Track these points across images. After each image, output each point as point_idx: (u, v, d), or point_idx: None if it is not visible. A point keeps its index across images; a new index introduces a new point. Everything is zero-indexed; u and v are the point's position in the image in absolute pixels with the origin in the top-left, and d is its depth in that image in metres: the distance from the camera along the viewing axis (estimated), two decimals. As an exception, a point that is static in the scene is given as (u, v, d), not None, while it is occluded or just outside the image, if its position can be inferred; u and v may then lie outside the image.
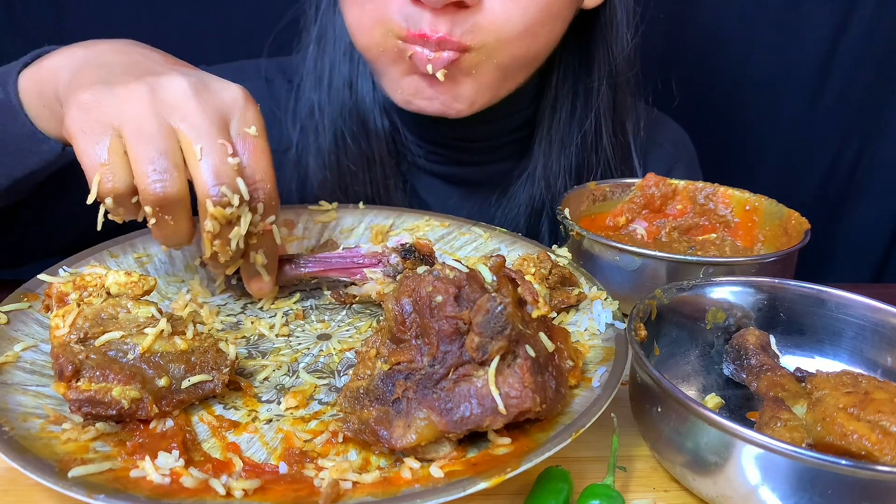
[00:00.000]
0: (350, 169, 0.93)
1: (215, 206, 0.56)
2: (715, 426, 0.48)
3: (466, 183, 0.99)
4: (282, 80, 0.99)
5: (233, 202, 0.57)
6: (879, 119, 1.37)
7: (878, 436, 0.48)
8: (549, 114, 0.94)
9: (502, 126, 0.94)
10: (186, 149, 0.56)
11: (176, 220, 0.57)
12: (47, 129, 0.67)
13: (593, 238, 0.75)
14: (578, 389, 0.55)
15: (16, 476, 0.48)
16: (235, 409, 0.55)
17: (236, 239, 0.59)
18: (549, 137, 0.94)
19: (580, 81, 0.93)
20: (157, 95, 0.56)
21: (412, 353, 0.51)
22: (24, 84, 0.66)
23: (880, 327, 0.61)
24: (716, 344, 0.65)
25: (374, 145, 0.93)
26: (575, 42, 0.90)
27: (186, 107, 0.57)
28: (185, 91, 0.57)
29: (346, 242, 0.81)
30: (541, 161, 0.94)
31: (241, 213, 0.58)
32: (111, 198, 0.56)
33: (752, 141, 1.39)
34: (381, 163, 0.94)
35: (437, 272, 0.51)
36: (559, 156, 0.94)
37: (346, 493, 0.45)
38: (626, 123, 0.97)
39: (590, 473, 0.54)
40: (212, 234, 0.58)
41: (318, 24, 0.94)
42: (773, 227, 0.83)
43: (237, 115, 0.59)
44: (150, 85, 0.57)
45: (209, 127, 0.57)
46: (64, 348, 0.51)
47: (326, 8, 0.92)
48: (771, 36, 1.32)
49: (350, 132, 0.93)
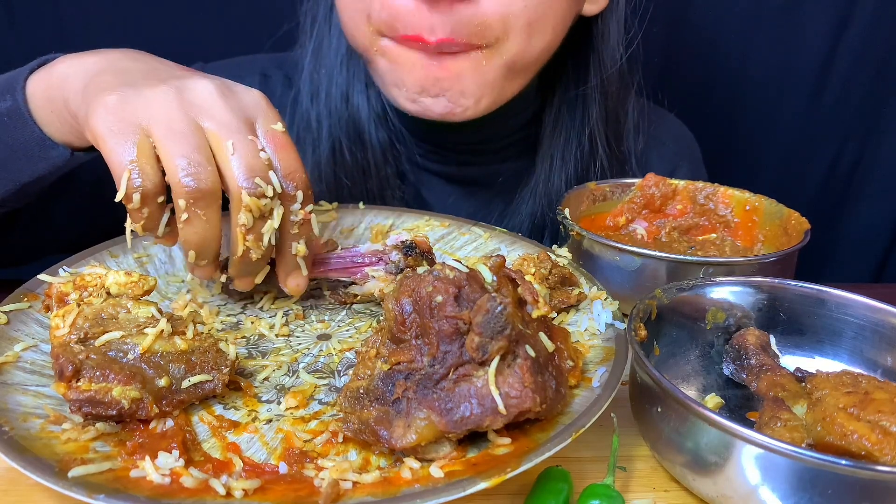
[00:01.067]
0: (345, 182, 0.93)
1: (250, 197, 0.57)
2: (715, 426, 0.48)
3: (466, 182, 0.99)
4: (279, 75, 0.99)
5: (267, 193, 0.57)
6: (879, 119, 1.37)
7: (878, 436, 0.48)
8: (551, 127, 0.94)
9: (502, 130, 0.94)
10: (216, 146, 0.57)
11: (208, 216, 0.57)
12: (55, 135, 0.67)
13: (593, 238, 0.75)
14: (578, 389, 0.55)
15: (16, 476, 0.48)
16: (235, 409, 0.55)
17: (269, 233, 0.59)
18: (549, 152, 0.94)
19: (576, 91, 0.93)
20: (183, 96, 0.57)
21: (412, 353, 0.51)
22: (32, 90, 0.66)
23: (880, 327, 0.61)
24: (716, 344, 0.65)
25: (370, 157, 0.93)
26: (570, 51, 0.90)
27: (214, 107, 0.58)
28: (210, 92, 0.58)
29: (345, 243, 0.81)
30: (542, 177, 0.94)
31: (274, 206, 0.59)
32: (139, 194, 0.55)
33: (752, 141, 1.39)
34: (377, 174, 0.94)
35: (437, 272, 0.51)
36: (560, 171, 0.94)
37: (346, 493, 0.45)
38: (620, 136, 0.97)
39: (590, 473, 0.54)
40: (245, 228, 0.58)
41: (315, 34, 0.93)
42: (773, 227, 0.83)
43: (261, 115, 0.60)
44: (177, 87, 0.57)
45: (238, 124, 0.58)
46: (64, 348, 0.51)
47: (323, 18, 0.92)
48: (771, 36, 1.32)
49: (347, 145, 0.93)
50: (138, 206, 0.56)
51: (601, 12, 0.88)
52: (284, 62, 1.00)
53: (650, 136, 1.01)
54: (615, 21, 0.89)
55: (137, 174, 0.55)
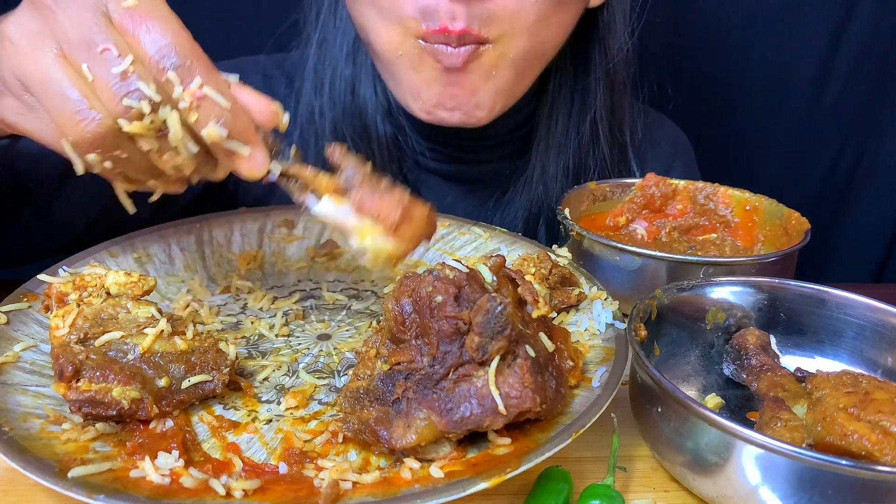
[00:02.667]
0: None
1: (131, 125, 0.48)
2: (715, 426, 0.48)
3: (465, 181, 0.99)
4: (280, 76, 0.99)
5: (144, 110, 0.48)
6: (879, 119, 1.37)
7: (878, 436, 0.48)
8: (547, 117, 0.94)
9: (502, 125, 0.94)
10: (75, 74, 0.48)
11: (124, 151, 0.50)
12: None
13: (593, 238, 0.75)
14: (578, 389, 0.55)
15: (16, 476, 0.48)
16: (235, 410, 0.55)
17: (179, 141, 0.49)
18: (546, 141, 0.94)
19: (578, 82, 0.93)
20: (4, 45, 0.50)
21: (412, 354, 0.51)
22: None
23: (880, 327, 0.61)
24: (716, 344, 0.65)
25: (375, 150, 0.93)
26: (573, 42, 0.90)
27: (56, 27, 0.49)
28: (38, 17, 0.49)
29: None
30: (538, 165, 0.94)
31: (165, 116, 0.49)
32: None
33: (752, 141, 1.39)
34: (382, 168, 0.94)
35: (437, 272, 0.51)
36: (556, 159, 0.94)
37: (346, 494, 0.45)
38: (623, 125, 0.97)
39: (590, 473, 0.54)
40: (158, 154, 0.50)
41: (320, 27, 0.93)
42: (773, 227, 0.83)
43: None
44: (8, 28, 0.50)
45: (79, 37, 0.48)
46: (64, 349, 0.51)
47: (328, 10, 0.92)
48: (771, 36, 1.32)
49: (351, 137, 0.93)
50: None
51: (606, 2, 0.88)
52: (284, 63, 1.00)
53: (646, 138, 1.01)
54: (621, 11, 0.89)
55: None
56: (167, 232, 0.76)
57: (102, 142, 0.48)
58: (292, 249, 0.80)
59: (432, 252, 0.81)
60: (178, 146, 0.50)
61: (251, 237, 0.80)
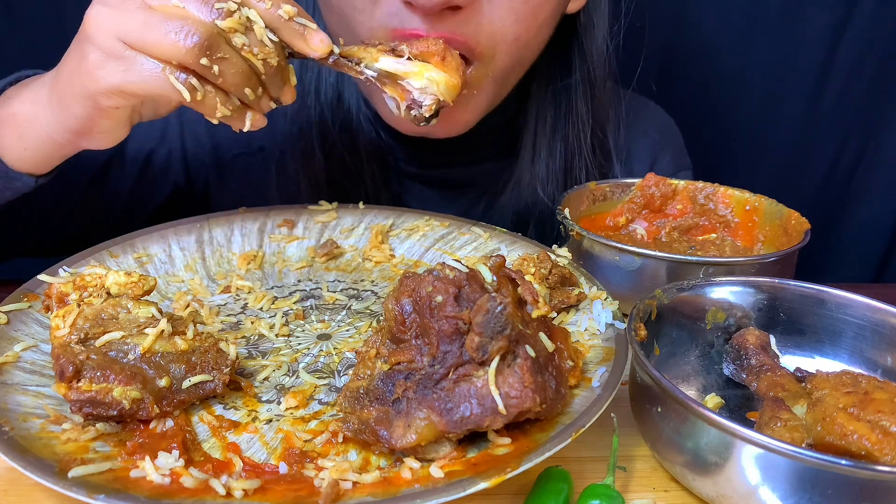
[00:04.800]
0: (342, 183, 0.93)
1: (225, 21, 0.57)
2: (715, 426, 0.48)
3: (449, 185, 0.99)
4: None
5: (230, 8, 0.57)
6: (879, 119, 1.37)
7: (878, 436, 0.48)
8: (533, 122, 0.94)
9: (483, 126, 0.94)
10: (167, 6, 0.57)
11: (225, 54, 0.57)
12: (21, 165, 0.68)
13: (593, 238, 0.75)
14: (578, 389, 0.55)
15: (16, 476, 0.49)
16: (235, 409, 0.55)
17: (262, 31, 0.59)
18: (534, 145, 0.94)
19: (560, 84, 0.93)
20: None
21: (412, 353, 0.51)
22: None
23: (880, 327, 0.61)
24: (716, 344, 0.65)
25: (362, 157, 0.93)
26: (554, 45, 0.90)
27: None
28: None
29: (345, 243, 0.82)
30: (527, 169, 0.94)
31: (248, 14, 0.58)
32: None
33: (752, 141, 1.39)
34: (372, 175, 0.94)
35: (437, 272, 0.51)
36: (546, 161, 0.94)
37: (346, 493, 0.45)
38: (606, 124, 0.97)
39: (590, 473, 0.54)
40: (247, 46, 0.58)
41: None
42: (773, 227, 0.83)
43: None
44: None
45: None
46: (64, 349, 0.51)
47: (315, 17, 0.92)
48: (771, 36, 1.32)
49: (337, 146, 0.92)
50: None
51: (584, 6, 0.88)
52: None
53: (633, 127, 1.01)
54: (599, 13, 0.90)
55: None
56: (167, 232, 0.76)
57: (208, 45, 0.56)
58: (292, 249, 0.80)
59: (432, 252, 0.81)
60: (262, 38, 0.59)
61: (251, 237, 0.80)
